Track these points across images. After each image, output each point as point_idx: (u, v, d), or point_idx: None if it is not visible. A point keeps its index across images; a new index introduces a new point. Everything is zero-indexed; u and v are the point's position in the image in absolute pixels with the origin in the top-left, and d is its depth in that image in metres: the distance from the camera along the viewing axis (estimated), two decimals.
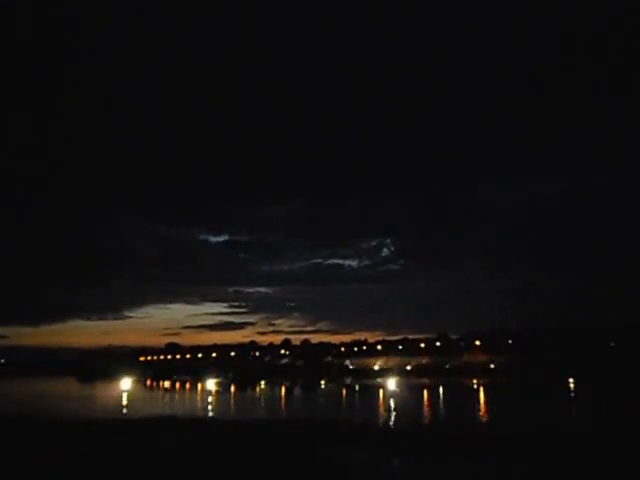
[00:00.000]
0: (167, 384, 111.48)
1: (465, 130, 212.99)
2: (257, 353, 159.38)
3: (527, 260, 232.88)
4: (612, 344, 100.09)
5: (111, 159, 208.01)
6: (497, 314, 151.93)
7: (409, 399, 65.36)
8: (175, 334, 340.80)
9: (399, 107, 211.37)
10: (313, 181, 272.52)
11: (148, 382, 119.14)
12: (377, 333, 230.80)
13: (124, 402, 67.85)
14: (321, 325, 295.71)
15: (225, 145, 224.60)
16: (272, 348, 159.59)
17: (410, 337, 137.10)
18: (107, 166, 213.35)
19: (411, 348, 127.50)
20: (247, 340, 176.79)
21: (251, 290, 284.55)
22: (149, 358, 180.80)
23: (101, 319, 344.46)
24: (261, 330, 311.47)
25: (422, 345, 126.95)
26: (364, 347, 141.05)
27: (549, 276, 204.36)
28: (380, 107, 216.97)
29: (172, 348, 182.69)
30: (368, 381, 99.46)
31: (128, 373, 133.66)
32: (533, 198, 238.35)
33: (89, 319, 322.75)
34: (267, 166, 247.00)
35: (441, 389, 78.66)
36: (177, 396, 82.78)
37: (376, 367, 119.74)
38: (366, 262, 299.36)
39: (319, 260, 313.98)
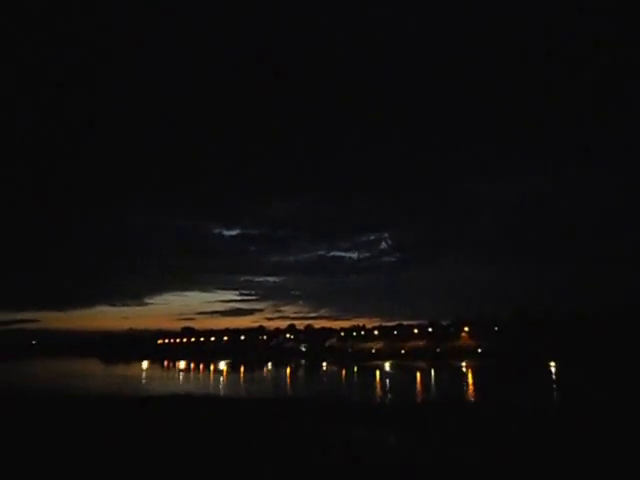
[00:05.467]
0: (182, 365, 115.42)
1: (459, 129, 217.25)
2: (265, 337, 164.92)
3: (513, 251, 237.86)
4: (595, 331, 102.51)
5: (137, 160, 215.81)
6: (484, 302, 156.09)
7: (403, 380, 69.23)
8: (190, 319, 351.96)
9: (395, 108, 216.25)
10: (318, 181, 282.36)
11: (165, 363, 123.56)
12: (374, 319, 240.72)
13: (143, 381, 73.37)
14: (323, 311, 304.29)
15: (239, 148, 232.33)
16: (278, 332, 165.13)
17: (404, 323, 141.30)
18: (134, 166, 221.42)
19: (405, 333, 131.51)
20: (256, 325, 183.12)
21: (260, 279, 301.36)
22: (166, 341, 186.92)
23: (124, 305, 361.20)
24: (269, 316, 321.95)
25: (415, 330, 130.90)
26: (362, 332, 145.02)
27: (535, 266, 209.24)
28: (377, 109, 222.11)
29: (187, 332, 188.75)
30: (366, 363, 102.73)
31: (147, 354, 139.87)
32: (519, 192, 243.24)
33: (113, 305, 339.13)
34: (276, 167, 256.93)
35: (433, 371, 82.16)
36: (192, 376, 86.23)
37: (373, 350, 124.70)
38: (365, 254, 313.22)
39: (322, 252, 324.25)
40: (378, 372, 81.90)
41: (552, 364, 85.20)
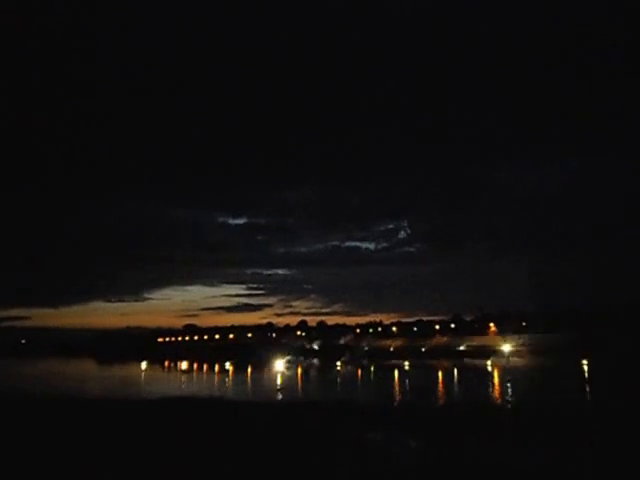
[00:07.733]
0: (185, 365, 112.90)
1: (477, 116, 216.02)
2: (274, 334, 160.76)
3: (540, 243, 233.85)
4: (627, 326, 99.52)
5: (131, 145, 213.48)
6: (511, 296, 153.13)
7: (424, 380, 66.19)
8: (193, 315, 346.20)
9: (411, 93, 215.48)
10: (331, 165, 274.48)
11: (166, 363, 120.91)
12: (392, 315, 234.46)
13: (142, 383, 69.86)
14: (337, 307, 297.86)
15: (244, 131, 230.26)
16: (289, 329, 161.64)
17: (425, 319, 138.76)
18: (129, 152, 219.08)
19: (426, 330, 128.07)
20: (264, 321, 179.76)
21: (269, 272, 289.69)
22: (167, 339, 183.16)
23: (120, 301, 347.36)
24: (278, 312, 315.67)
25: (437, 327, 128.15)
26: (379, 329, 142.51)
27: (563, 259, 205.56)
28: (392, 94, 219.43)
29: (190, 329, 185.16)
30: (384, 362, 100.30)
31: (146, 354, 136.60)
32: (544, 182, 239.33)
33: (109, 301, 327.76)
34: (285, 150, 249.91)
35: (455, 370, 79.18)
36: (194, 377, 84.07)
37: (391, 348, 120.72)
38: (383, 245, 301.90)
39: (336, 242, 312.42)
40: (397, 372, 79.12)
41: (584, 362, 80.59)
